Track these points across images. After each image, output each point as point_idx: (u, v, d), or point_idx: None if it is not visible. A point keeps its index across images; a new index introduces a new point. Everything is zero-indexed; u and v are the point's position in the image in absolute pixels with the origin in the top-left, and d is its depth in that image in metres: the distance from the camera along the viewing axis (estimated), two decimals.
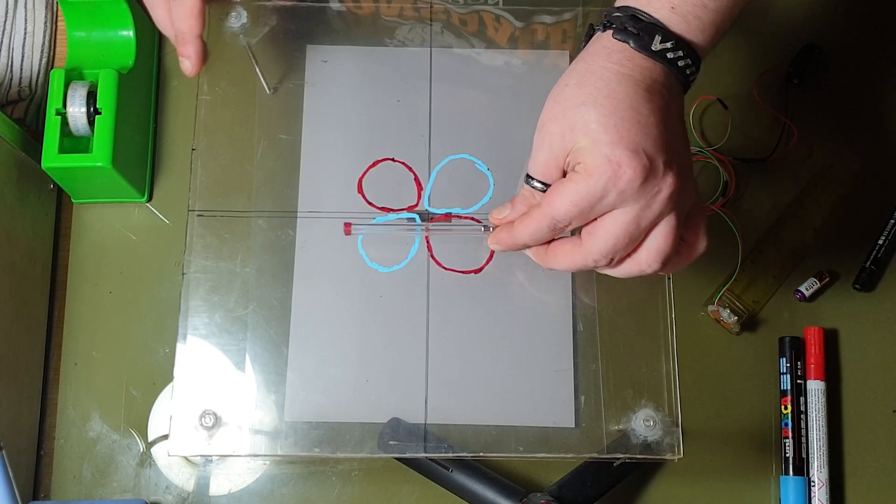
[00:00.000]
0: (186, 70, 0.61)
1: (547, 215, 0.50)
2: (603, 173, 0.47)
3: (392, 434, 0.62)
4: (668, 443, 0.60)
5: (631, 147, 0.47)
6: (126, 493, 0.69)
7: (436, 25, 0.71)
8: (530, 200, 0.53)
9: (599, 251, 0.50)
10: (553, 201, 0.50)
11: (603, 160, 0.47)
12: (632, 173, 0.47)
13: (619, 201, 0.48)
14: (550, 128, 0.50)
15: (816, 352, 0.71)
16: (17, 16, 0.78)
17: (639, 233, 0.49)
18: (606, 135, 0.47)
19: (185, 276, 0.65)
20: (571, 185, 0.49)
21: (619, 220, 0.49)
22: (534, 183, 0.52)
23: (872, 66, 0.78)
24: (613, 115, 0.48)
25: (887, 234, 0.73)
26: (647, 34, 0.49)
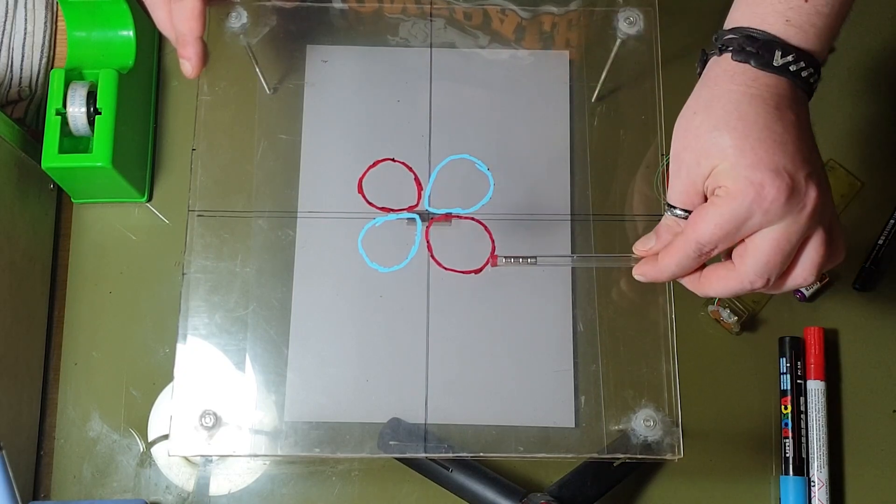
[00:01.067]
0: (187, 72, 0.61)
1: (692, 241, 0.50)
2: (746, 195, 0.47)
3: (392, 434, 0.62)
4: (668, 443, 0.60)
5: (771, 167, 0.47)
6: (126, 493, 0.69)
7: (438, 22, 0.71)
8: (674, 229, 0.53)
9: (755, 272, 0.50)
10: (697, 226, 0.50)
11: (745, 182, 0.47)
12: (776, 192, 0.47)
13: (766, 222, 0.48)
14: (685, 157, 0.50)
15: (816, 352, 0.71)
16: (17, 16, 0.78)
17: (791, 249, 0.49)
18: (744, 157, 0.47)
19: (185, 276, 0.65)
20: (714, 210, 0.49)
21: (769, 239, 0.49)
22: (675, 211, 0.52)
23: (872, 66, 0.78)
24: (749, 137, 0.48)
25: (887, 234, 0.73)
26: (767, 51, 0.49)
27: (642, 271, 0.55)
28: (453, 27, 0.71)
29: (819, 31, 0.50)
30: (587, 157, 0.69)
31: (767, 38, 0.49)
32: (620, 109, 0.70)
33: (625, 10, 0.66)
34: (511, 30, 0.72)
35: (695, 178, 0.50)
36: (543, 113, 0.71)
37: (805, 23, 0.50)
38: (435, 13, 0.71)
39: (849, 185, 0.75)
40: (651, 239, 0.54)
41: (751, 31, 0.50)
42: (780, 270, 0.50)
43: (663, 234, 0.54)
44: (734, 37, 0.50)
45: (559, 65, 0.72)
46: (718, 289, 0.52)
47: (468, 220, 0.66)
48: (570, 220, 0.68)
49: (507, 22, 0.71)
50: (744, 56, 0.49)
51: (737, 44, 0.50)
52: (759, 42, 0.49)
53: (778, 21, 0.50)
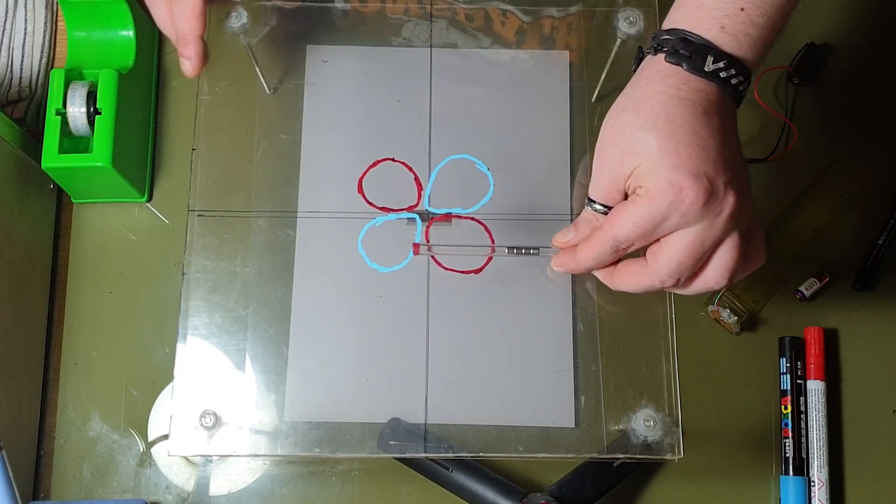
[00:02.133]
0: (187, 71, 0.61)
1: (609, 237, 0.51)
2: (665, 197, 0.48)
3: (392, 434, 0.62)
4: (668, 443, 0.60)
5: (692, 171, 0.48)
6: (126, 493, 0.69)
7: (441, 22, 0.71)
8: (593, 223, 0.54)
9: (666, 272, 0.51)
10: (615, 223, 0.51)
11: (665, 184, 0.48)
12: (693, 196, 0.48)
13: (683, 223, 0.49)
14: (610, 153, 0.51)
15: (816, 352, 0.71)
16: (17, 16, 0.78)
17: (703, 252, 0.50)
18: (667, 159, 0.48)
19: (185, 276, 0.65)
20: (633, 208, 0.50)
21: (683, 240, 0.50)
22: (595, 206, 0.53)
23: (872, 66, 0.78)
24: (673, 140, 0.48)
25: (887, 234, 0.73)
26: (700, 56, 0.50)
27: (560, 262, 0.56)
28: (455, 28, 0.71)
29: (752, 40, 0.51)
30: (587, 157, 0.69)
31: (701, 42, 0.50)
32: None
33: (625, 10, 0.66)
34: (512, 32, 0.72)
35: (617, 176, 0.51)
36: (543, 113, 0.71)
37: (739, 31, 0.50)
38: (436, 14, 0.71)
39: (849, 185, 0.75)
40: (570, 231, 0.55)
41: (686, 34, 0.50)
42: (690, 271, 0.51)
43: (582, 227, 0.55)
44: (669, 38, 0.51)
45: (559, 65, 0.72)
46: (630, 284, 0.53)
47: (468, 219, 0.66)
48: (570, 220, 0.68)
49: (508, 25, 0.71)
50: (677, 58, 0.50)
51: (671, 45, 0.50)
52: (693, 46, 0.50)
53: (713, 27, 0.50)
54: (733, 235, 0.50)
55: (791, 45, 0.77)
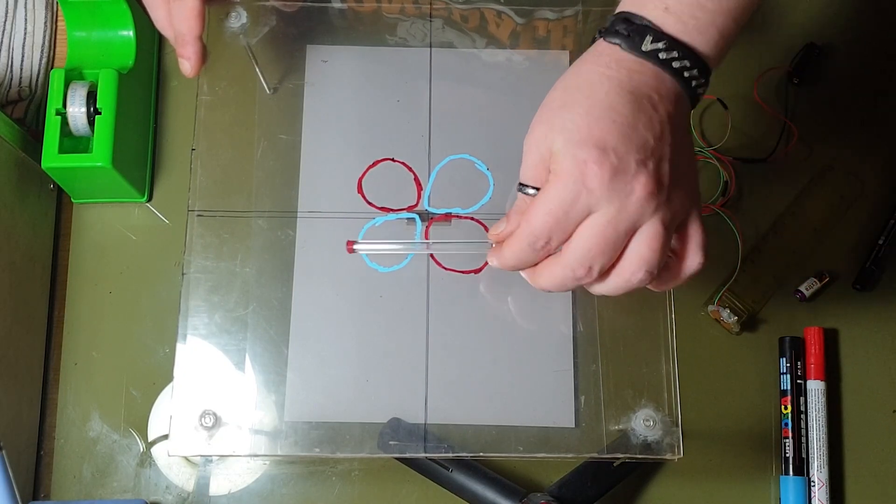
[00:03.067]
0: (186, 71, 0.61)
1: (526, 233, 0.48)
2: (570, 174, 0.46)
3: (392, 434, 0.62)
4: (668, 443, 0.60)
5: (598, 145, 0.46)
6: (126, 493, 0.69)
7: (437, 22, 0.71)
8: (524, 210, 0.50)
9: (577, 260, 0.47)
10: (529, 217, 0.48)
11: (571, 161, 0.46)
12: (597, 169, 0.45)
13: (592, 203, 0.46)
14: (535, 130, 0.49)
15: (816, 352, 0.71)
16: (17, 16, 0.78)
17: (616, 237, 0.47)
18: (577, 134, 0.46)
19: (185, 276, 0.65)
20: (543, 195, 0.47)
21: (593, 224, 0.47)
22: (527, 190, 0.50)
23: (872, 66, 0.78)
24: (588, 115, 0.46)
25: (887, 234, 0.73)
26: (638, 35, 0.48)
27: (490, 257, 0.53)
28: (451, 28, 0.71)
29: (700, 24, 0.48)
30: None
31: (642, 23, 0.48)
32: None
33: None
34: (506, 35, 0.71)
35: (542, 154, 0.48)
36: None
37: (685, 13, 0.48)
38: (434, 14, 0.71)
39: (849, 185, 0.75)
40: (503, 223, 0.52)
41: (629, 15, 0.49)
42: (604, 260, 0.47)
43: (514, 216, 0.51)
44: (613, 18, 0.50)
45: (558, 65, 0.72)
46: (548, 279, 0.50)
47: (468, 219, 0.66)
48: None
49: (502, 27, 0.71)
50: (615, 37, 0.48)
51: (612, 25, 0.49)
52: (634, 26, 0.48)
53: (657, 8, 0.48)
54: (652, 223, 0.47)
55: (791, 45, 0.77)
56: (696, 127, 0.76)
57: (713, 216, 0.73)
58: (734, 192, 0.74)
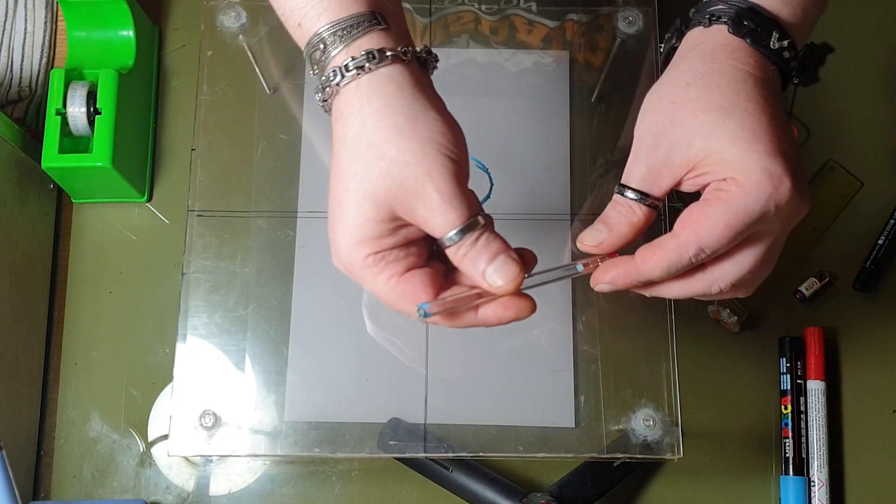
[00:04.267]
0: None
1: (691, 244, 0.42)
2: (764, 189, 0.41)
3: (392, 434, 0.62)
4: (668, 443, 0.60)
5: (787, 158, 0.41)
6: (126, 493, 0.69)
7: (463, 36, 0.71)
8: (629, 217, 0.45)
9: (730, 280, 0.43)
10: (700, 227, 0.42)
11: (762, 174, 0.41)
12: (790, 185, 0.41)
13: (778, 219, 0.42)
14: (671, 133, 0.43)
15: (816, 352, 0.71)
16: (17, 16, 0.78)
17: (773, 256, 0.43)
18: (760, 144, 0.41)
19: (184, 276, 0.65)
20: (722, 206, 0.42)
21: (763, 244, 0.43)
22: (628, 193, 0.45)
23: (872, 66, 0.78)
24: (761, 122, 0.42)
25: (887, 234, 0.73)
26: (766, 30, 0.44)
27: (610, 279, 0.46)
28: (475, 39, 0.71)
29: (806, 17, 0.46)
30: (587, 157, 0.69)
31: (770, 16, 0.44)
32: (620, 109, 0.70)
33: (624, 10, 0.66)
34: (538, 40, 0.71)
35: (676, 160, 0.43)
36: (543, 113, 0.71)
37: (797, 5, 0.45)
38: (462, 27, 0.71)
39: (849, 185, 0.75)
40: (601, 231, 0.46)
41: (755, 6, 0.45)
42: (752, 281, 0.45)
43: (616, 224, 0.45)
44: (726, 7, 0.45)
45: (559, 65, 0.72)
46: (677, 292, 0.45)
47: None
48: (570, 220, 0.68)
49: (534, 32, 0.71)
50: (741, 30, 0.44)
51: (734, 15, 0.44)
52: (761, 18, 0.44)
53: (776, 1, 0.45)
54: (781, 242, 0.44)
55: None
56: None
57: None
58: None
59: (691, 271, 0.45)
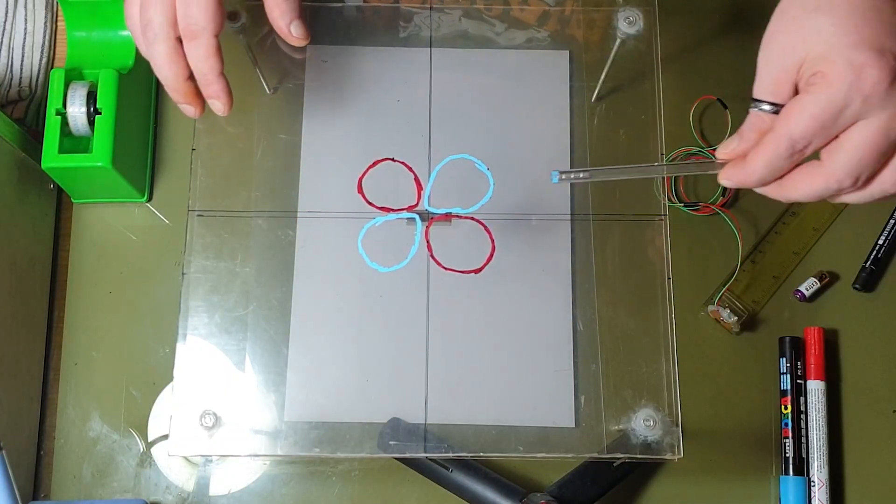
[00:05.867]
0: (218, 110, 0.58)
1: (784, 137, 0.45)
2: (845, 79, 0.43)
3: (392, 434, 0.62)
4: (668, 443, 0.60)
5: (875, 47, 0.43)
6: (126, 493, 0.69)
7: (455, 12, 0.71)
8: (758, 126, 0.48)
9: (845, 170, 0.45)
10: (790, 120, 0.45)
11: (844, 64, 0.43)
12: (878, 74, 0.43)
13: (865, 110, 0.44)
14: (780, 39, 0.46)
15: (816, 352, 0.71)
16: (17, 16, 0.78)
17: (888, 146, 0.44)
18: (846, 37, 0.43)
19: (184, 276, 0.65)
20: (809, 98, 0.44)
21: (865, 132, 0.44)
22: (762, 106, 0.48)
23: None
24: (853, 16, 0.44)
25: (887, 234, 0.73)
26: None
27: (728, 175, 0.50)
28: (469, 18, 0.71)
29: None
30: (587, 157, 0.69)
31: None
32: (620, 109, 0.70)
33: (624, 10, 0.66)
34: (534, 18, 0.71)
35: (787, 65, 0.46)
36: (543, 113, 0.71)
37: None
38: (438, 8, 0.71)
39: None
40: (734, 140, 0.50)
41: None
42: (872, 169, 0.46)
43: (747, 132, 0.49)
44: None
45: (559, 64, 0.72)
46: (803, 190, 0.47)
47: (468, 219, 0.66)
48: (570, 220, 0.68)
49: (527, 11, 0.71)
50: None
51: None
52: None
53: None
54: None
55: None
56: (696, 127, 0.76)
57: (713, 216, 0.73)
58: (734, 193, 0.74)
59: (807, 167, 0.47)
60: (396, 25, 0.72)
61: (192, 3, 0.55)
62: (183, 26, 0.56)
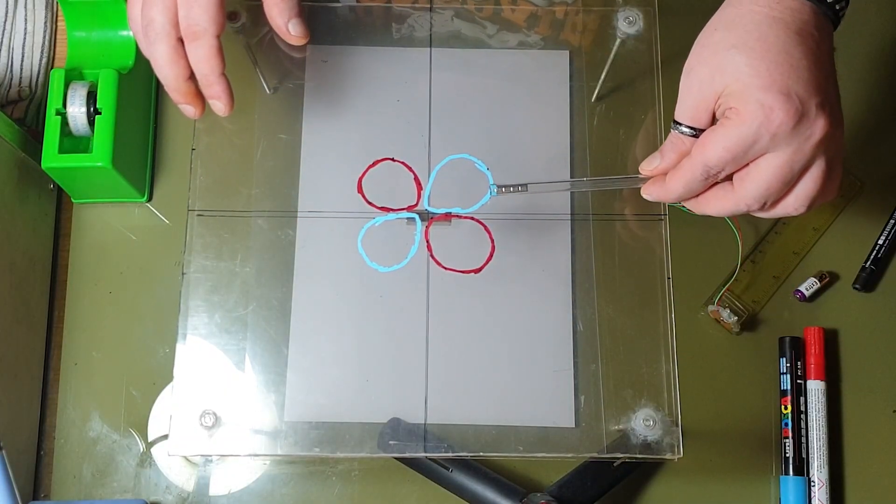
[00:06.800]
0: (220, 111, 0.59)
1: (700, 164, 0.50)
2: (755, 118, 0.47)
3: (392, 434, 0.62)
4: (668, 443, 0.60)
5: (783, 91, 0.47)
6: (126, 493, 0.69)
7: (447, 13, 0.71)
8: (679, 147, 0.53)
9: (752, 196, 0.50)
10: (706, 149, 0.50)
11: (755, 104, 0.47)
12: (784, 116, 0.47)
13: (772, 145, 0.48)
14: (700, 70, 0.50)
15: (816, 352, 0.71)
16: (17, 16, 0.78)
17: (792, 177, 0.49)
18: (758, 79, 0.47)
19: (184, 275, 0.65)
20: (723, 131, 0.49)
21: (772, 164, 0.49)
22: (682, 128, 0.52)
23: (872, 66, 0.78)
24: (765, 59, 0.48)
25: (887, 234, 0.73)
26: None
27: (650, 192, 0.55)
28: (462, 19, 0.71)
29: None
30: (587, 157, 0.70)
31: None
32: (620, 109, 0.70)
33: (624, 10, 0.66)
34: (523, 19, 0.71)
35: (706, 95, 0.50)
36: (543, 112, 0.71)
37: None
38: (436, 8, 0.71)
39: (849, 185, 0.75)
40: (656, 158, 0.54)
41: None
42: (776, 196, 0.51)
43: (668, 152, 0.54)
44: None
45: (559, 65, 0.72)
46: (715, 208, 0.53)
47: (468, 219, 0.66)
48: (570, 220, 0.68)
49: (518, 12, 0.71)
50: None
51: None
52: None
53: None
54: (820, 162, 0.49)
55: None
56: None
57: (712, 217, 0.73)
58: None
59: (720, 190, 0.52)
60: (393, 26, 0.72)
61: (195, 4, 0.55)
62: (185, 27, 0.56)
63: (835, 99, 0.50)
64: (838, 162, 0.51)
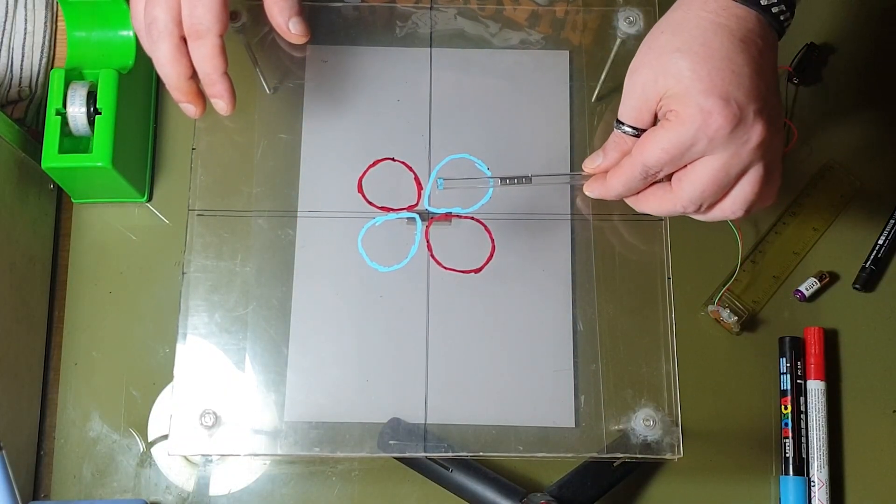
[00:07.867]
0: (222, 110, 0.59)
1: (639, 163, 0.51)
2: (694, 121, 0.48)
3: (392, 434, 0.62)
4: (668, 442, 0.60)
5: (722, 96, 0.48)
6: (126, 493, 0.69)
7: (449, 12, 0.71)
8: (621, 146, 0.54)
9: (689, 198, 0.51)
10: (644, 149, 0.51)
11: (695, 108, 0.48)
12: (721, 121, 0.48)
13: (710, 149, 0.49)
14: (643, 72, 0.51)
15: (816, 352, 0.71)
16: (17, 16, 0.78)
17: (728, 181, 0.50)
18: (699, 83, 0.48)
19: (185, 275, 0.65)
20: (662, 133, 0.50)
21: (708, 168, 0.50)
22: (624, 128, 0.53)
23: (872, 66, 0.78)
24: (707, 64, 0.49)
25: (887, 234, 0.73)
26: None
27: (592, 189, 0.56)
28: (464, 17, 0.71)
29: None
30: (587, 157, 0.69)
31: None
32: None
33: (624, 10, 0.66)
34: (524, 17, 0.72)
35: (649, 96, 0.51)
36: (543, 113, 0.71)
37: None
38: (437, 7, 0.71)
39: (849, 185, 0.75)
40: (599, 156, 0.55)
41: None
42: (713, 199, 0.51)
43: (610, 151, 0.55)
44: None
45: (559, 65, 0.72)
46: (654, 207, 0.54)
47: (468, 219, 0.66)
48: (570, 220, 0.68)
49: (519, 11, 0.71)
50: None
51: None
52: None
53: None
54: (757, 167, 0.50)
55: (791, 45, 0.77)
56: None
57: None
58: None
59: (659, 189, 0.53)
60: (396, 25, 0.72)
61: (198, 3, 0.56)
62: (188, 25, 0.56)
63: (774, 106, 0.50)
64: (777, 167, 0.52)
